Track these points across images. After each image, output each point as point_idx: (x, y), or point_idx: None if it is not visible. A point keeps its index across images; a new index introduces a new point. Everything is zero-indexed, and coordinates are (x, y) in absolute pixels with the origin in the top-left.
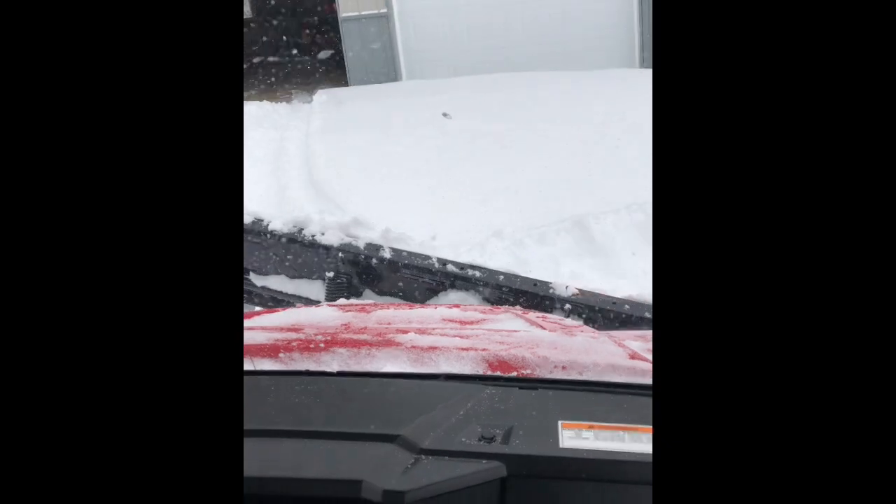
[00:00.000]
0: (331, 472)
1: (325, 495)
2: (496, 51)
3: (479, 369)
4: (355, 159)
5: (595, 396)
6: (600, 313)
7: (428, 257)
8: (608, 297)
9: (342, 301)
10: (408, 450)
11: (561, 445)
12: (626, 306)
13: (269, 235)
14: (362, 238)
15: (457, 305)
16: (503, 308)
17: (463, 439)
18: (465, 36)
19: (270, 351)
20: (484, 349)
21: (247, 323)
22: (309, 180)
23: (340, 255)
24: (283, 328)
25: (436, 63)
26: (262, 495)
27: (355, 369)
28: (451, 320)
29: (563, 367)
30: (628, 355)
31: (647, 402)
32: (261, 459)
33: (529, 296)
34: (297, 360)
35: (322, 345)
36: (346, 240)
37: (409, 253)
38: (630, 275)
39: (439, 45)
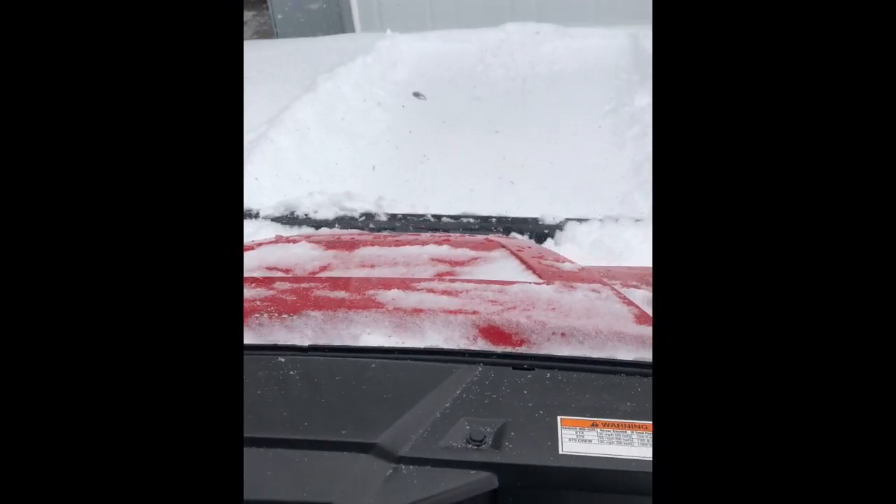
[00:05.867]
0: (298, 491)
1: None
2: None
3: (469, 335)
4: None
5: (599, 378)
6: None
7: (422, 215)
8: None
9: (325, 230)
10: (385, 459)
11: (560, 451)
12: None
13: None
14: (357, 209)
15: (447, 239)
16: (494, 243)
17: (450, 442)
18: None
19: None
20: (474, 312)
21: None
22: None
23: (337, 227)
24: (253, 278)
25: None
26: None
27: (330, 336)
28: (440, 260)
29: (563, 335)
30: (635, 317)
31: None
32: None
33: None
34: (266, 325)
35: (295, 301)
36: (341, 213)
37: (405, 215)
38: None
39: None
